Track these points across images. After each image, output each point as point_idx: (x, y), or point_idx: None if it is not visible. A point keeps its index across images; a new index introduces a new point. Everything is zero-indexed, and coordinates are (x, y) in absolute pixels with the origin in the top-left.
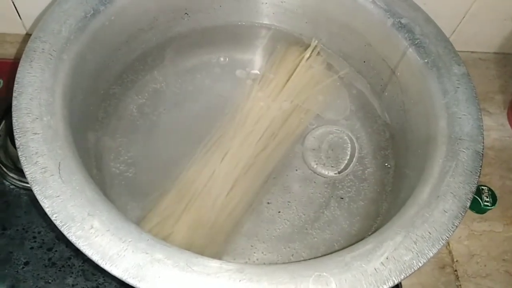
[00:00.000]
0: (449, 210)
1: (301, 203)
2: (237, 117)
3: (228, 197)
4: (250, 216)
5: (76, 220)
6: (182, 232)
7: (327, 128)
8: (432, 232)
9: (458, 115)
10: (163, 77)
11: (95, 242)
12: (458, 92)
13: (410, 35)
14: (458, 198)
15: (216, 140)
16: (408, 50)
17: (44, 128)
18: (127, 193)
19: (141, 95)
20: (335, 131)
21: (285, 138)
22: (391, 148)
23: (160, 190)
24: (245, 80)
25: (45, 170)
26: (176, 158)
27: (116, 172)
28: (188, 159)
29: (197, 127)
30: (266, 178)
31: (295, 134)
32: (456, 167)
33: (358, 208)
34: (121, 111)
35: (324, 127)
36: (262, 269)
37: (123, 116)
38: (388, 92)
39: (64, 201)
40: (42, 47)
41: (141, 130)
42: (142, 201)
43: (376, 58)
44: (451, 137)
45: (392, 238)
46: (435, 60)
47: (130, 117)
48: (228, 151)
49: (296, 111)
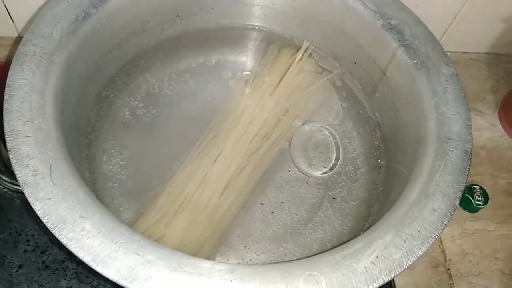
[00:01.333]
0: (438, 209)
1: (293, 204)
2: (229, 118)
3: (221, 198)
4: (243, 217)
5: (67, 222)
6: (175, 233)
7: (315, 129)
8: (422, 230)
9: (447, 115)
10: (156, 80)
11: (87, 244)
12: (447, 92)
13: (399, 36)
14: (447, 197)
15: (209, 141)
16: (398, 51)
17: (35, 130)
18: (120, 195)
19: (134, 98)
20: (323, 131)
21: (278, 139)
22: (383, 149)
23: (153, 192)
24: (237, 82)
25: (37, 172)
26: (169, 160)
27: (109, 175)
28: (181, 160)
29: (190, 129)
30: (259, 179)
31: (287, 135)
32: (445, 166)
33: (350, 208)
34: (113, 114)
35: (312, 127)
36: (253, 269)
37: (115, 119)
38: (379, 93)
39: (55, 203)
40: (33, 50)
41: (134, 132)
42: (135, 203)
43: (367, 59)
44: (440, 136)
45: (382, 237)
46: (425, 60)
47: (122, 119)
48: (221, 152)
49: (289, 112)
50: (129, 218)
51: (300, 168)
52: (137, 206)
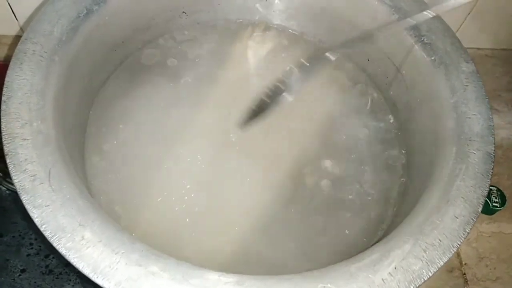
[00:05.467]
0: (460, 216)
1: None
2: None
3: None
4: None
5: (66, 231)
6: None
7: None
8: (443, 239)
9: (467, 114)
10: (161, 76)
11: (86, 254)
12: (467, 91)
13: (416, 31)
14: (469, 202)
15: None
16: (414, 47)
17: (34, 133)
18: (120, 198)
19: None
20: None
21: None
22: (398, 150)
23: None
24: (248, 79)
25: (35, 178)
26: (175, 160)
27: (112, 178)
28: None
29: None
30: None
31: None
32: (466, 170)
33: (363, 214)
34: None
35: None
36: (264, 281)
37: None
38: (394, 91)
39: (54, 210)
40: (33, 49)
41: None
42: (136, 207)
43: (380, 56)
44: (460, 138)
45: (400, 246)
46: (443, 57)
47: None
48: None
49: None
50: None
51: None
52: (137, 211)
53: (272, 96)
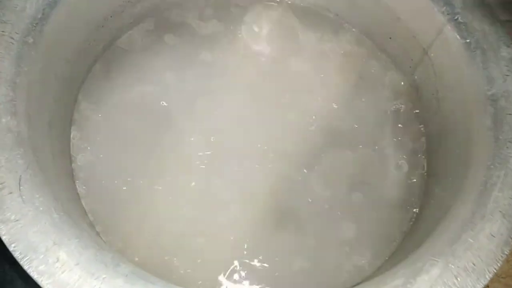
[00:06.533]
0: (498, 234)
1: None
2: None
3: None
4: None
5: (38, 251)
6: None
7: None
8: (477, 263)
9: (507, 110)
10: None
11: (61, 279)
12: (508, 82)
13: (448, 8)
14: (508, 218)
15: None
16: (446, 27)
17: (2, 131)
18: (109, 208)
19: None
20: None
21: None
22: (421, 148)
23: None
24: (258, 59)
25: (3, 186)
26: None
27: (101, 183)
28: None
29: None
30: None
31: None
32: (505, 178)
33: (374, 226)
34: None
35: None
36: None
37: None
38: (419, 75)
39: (24, 226)
40: (1, 30)
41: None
42: (123, 216)
43: (405, 35)
44: (498, 138)
45: (427, 270)
46: (479, 40)
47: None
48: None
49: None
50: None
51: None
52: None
53: None
